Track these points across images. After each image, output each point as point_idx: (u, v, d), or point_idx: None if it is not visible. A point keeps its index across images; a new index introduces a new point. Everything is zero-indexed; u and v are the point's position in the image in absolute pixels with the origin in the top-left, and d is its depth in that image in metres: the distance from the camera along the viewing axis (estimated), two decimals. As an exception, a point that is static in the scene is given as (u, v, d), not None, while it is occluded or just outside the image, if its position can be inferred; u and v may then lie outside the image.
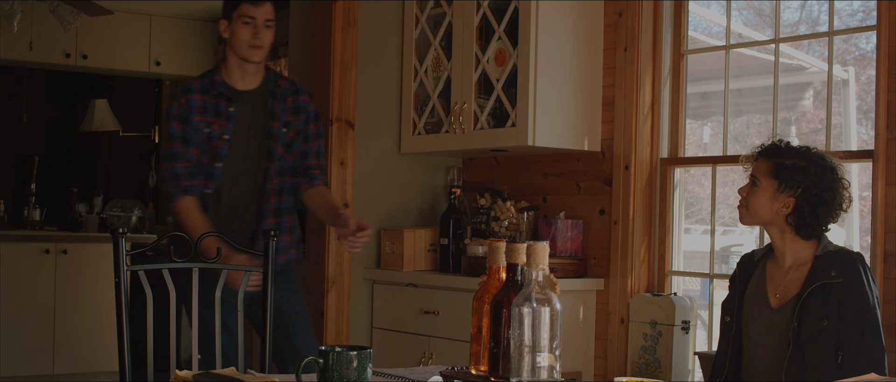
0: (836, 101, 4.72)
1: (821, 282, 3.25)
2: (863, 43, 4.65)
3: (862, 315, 3.20)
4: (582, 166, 4.85)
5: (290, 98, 4.07)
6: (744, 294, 3.48)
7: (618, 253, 4.64)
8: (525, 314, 2.00)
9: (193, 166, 3.93)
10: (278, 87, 4.07)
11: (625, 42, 4.64)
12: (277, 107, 4.03)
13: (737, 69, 4.66)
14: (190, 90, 3.96)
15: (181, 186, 3.91)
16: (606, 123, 4.73)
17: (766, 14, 4.78)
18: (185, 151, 3.92)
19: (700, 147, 5.11)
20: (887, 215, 3.79)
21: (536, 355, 2.01)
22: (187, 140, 3.93)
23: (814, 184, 3.34)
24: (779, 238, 3.41)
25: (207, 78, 4.01)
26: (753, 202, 3.40)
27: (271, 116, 4.02)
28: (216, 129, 3.94)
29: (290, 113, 4.06)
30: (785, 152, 3.39)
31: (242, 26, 3.92)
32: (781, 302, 3.35)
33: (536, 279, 2.02)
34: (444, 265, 5.02)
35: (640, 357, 4.45)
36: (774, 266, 3.45)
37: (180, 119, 3.93)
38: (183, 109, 3.93)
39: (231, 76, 4.01)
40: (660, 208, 4.65)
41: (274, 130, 4.01)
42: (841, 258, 3.29)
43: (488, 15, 4.77)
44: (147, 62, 8.19)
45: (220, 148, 3.95)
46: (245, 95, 4.01)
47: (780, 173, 3.36)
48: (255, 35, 3.93)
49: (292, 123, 4.06)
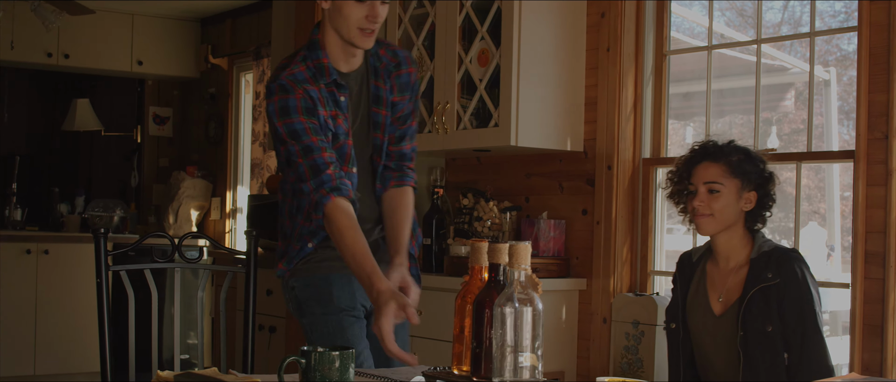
0: (818, 101, 4.74)
1: (759, 286, 3.24)
2: (845, 44, 4.67)
3: (801, 314, 3.19)
4: (564, 166, 4.86)
5: (395, 72, 3.25)
6: (685, 298, 3.45)
7: (600, 253, 4.65)
8: (507, 314, 2.00)
9: (337, 161, 3.10)
10: (380, 59, 3.24)
11: (607, 42, 4.65)
12: (382, 88, 3.24)
13: (719, 70, 4.67)
14: (298, 78, 3.09)
15: (332, 182, 3.03)
16: (589, 123, 4.74)
17: (749, 15, 4.80)
18: (323, 143, 3.06)
19: (683, 148, 5.12)
20: (868, 215, 3.80)
21: (519, 355, 2.01)
22: (318, 133, 3.07)
23: (761, 174, 3.36)
24: (727, 240, 3.37)
25: (312, 61, 3.14)
26: (721, 208, 3.32)
27: (376, 101, 3.23)
28: (342, 124, 3.14)
29: (397, 92, 3.26)
30: (726, 150, 3.38)
31: (354, 2, 3.02)
32: (724, 308, 3.33)
33: (519, 280, 2.02)
34: (427, 265, 5.02)
35: (622, 356, 4.46)
36: (714, 268, 3.41)
37: (306, 111, 3.06)
38: (305, 100, 3.06)
39: (334, 57, 3.16)
40: (642, 208, 4.66)
41: (380, 118, 3.24)
42: (775, 258, 3.26)
43: (471, 15, 4.77)
44: (129, 62, 8.16)
45: (351, 147, 3.18)
46: (350, 78, 3.20)
47: (737, 171, 3.34)
48: (371, 16, 3.04)
49: (398, 104, 3.27)
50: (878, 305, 3.75)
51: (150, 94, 8.72)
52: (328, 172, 3.02)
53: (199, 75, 8.38)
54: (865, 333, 3.79)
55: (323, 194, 3.01)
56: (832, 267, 5.15)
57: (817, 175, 5.34)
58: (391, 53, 3.27)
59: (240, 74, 7.97)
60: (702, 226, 3.35)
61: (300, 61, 3.12)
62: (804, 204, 4.70)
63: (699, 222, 3.35)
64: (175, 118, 8.73)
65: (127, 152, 8.96)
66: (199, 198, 8.00)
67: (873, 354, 3.76)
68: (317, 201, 3.02)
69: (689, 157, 3.43)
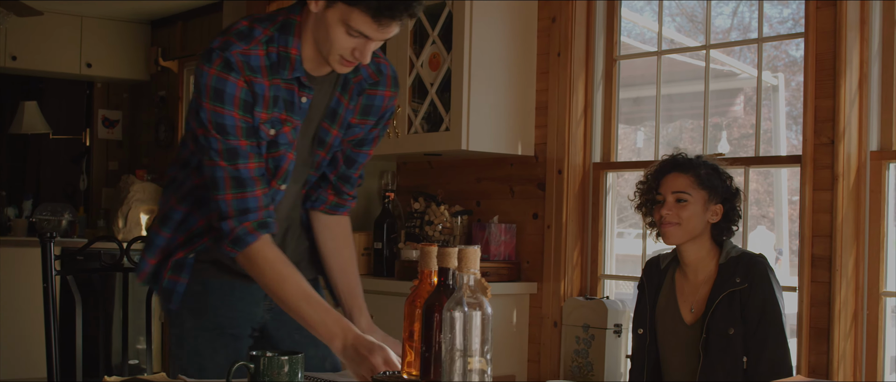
0: (767, 106, 4.79)
1: (728, 291, 3.28)
2: (792, 50, 4.72)
3: (764, 317, 3.25)
4: (515, 170, 4.87)
5: (367, 91, 2.72)
6: (654, 305, 3.49)
7: (551, 257, 4.66)
8: (456, 318, 2.00)
9: (263, 171, 2.60)
10: (358, 71, 2.69)
11: (558, 47, 4.67)
12: (343, 103, 2.71)
13: (669, 75, 4.71)
14: (251, 64, 2.52)
15: (259, 215, 2.56)
16: (540, 127, 4.75)
17: (699, 20, 4.83)
18: (252, 149, 2.56)
19: (634, 152, 5.15)
20: (815, 219, 3.84)
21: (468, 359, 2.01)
22: (250, 136, 2.56)
23: (727, 188, 3.42)
24: (695, 251, 3.42)
25: (277, 47, 2.55)
26: (688, 218, 3.37)
27: (331, 116, 2.70)
28: (289, 133, 2.61)
29: (359, 114, 2.75)
30: (695, 162, 3.44)
31: (345, 34, 2.46)
32: (695, 318, 3.38)
33: (468, 284, 2.02)
34: (379, 269, 5.01)
35: (573, 360, 4.47)
36: (683, 279, 3.46)
37: (243, 105, 2.53)
38: (247, 92, 2.52)
39: (306, 54, 2.59)
40: (592, 212, 4.68)
41: (328, 137, 2.72)
42: (743, 263, 3.32)
43: (423, 19, 4.77)
44: (78, 64, 8.09)
45: (290, 161, 2.66)
46: (316, 82, 2.66)
47: (704, 183, 3.40)
48: (358, 51, 2.50)
49: (355, 127, 2.76)
50: (825, 308, 3.79)
51: (99, 96, 8.64)
52: (255, 194, 2.54)
53: (150, 78, 8.33)
54: (812, 336, 3.83)
55: (248, 229, 2.53)
56: (780, 271, 5.20)
57: (766, 179, 5.39)
58: (374, 67, 2.72)
59: (190, 77, 7.92)
60: (668, 235, 3.40)
61: (263, 43, 2.54)
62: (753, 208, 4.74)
63: (666, 230, 3.39)
64: (124, 121, 8.66)
65: (76, 155, 8.88)
66: (149, 202, 7.94)
67: (820, 356, 3.80)
68: (237, 235, 2.53)
69: (658, 168, 3.49)
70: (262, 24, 2.56)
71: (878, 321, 3.76)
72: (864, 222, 3.78)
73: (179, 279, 2.70)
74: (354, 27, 2.43)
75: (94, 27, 8.11)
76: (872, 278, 3.77)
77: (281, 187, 2.66)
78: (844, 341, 3.76)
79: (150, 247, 2.75)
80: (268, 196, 2.58)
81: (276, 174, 2.64)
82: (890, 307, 3.81)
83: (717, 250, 3.42)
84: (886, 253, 3.77)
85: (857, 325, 3.78)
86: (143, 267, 2.75)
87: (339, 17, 2.44)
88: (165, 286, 2.71)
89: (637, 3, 4.85)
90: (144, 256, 2.76)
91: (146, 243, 2.77)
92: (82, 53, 8.08)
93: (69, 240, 7.85)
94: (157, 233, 2.74)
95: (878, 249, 3.77)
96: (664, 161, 3.49)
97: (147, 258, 2.75)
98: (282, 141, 2.60)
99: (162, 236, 2.74)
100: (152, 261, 2.74)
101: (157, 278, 2.74)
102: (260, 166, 2.57)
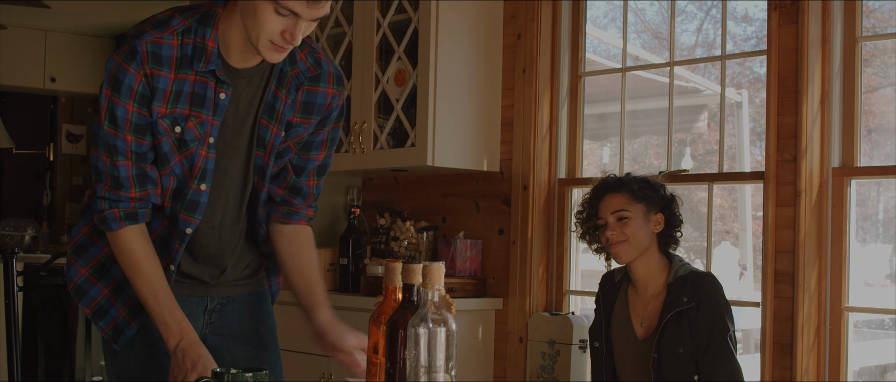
0: (730, 123, 4.81)
1: (675, 311, 3.31)
2: (757, 66, 4.75)
3: (711, 335, 3.28)
4: (481, 186, 4.87)
5: (306, 87, 2.61)
6: (610, 319, 3.52)
7: (516, 273, 4.67)
8: (421, 334, 2.01)
9: (146, 171, 2.52)
10: (294, 63, 2.58)
11: (523, 63, 4.68)
12: (280, 98, 2.58)
13: (633, 91, 4.73)
14: (161, 54, 2.43)
15: (125, 204, 2.50)
16: (505, 143, 4.77)
17: (664, 37, 4.86)
18: (137, 144, 2.47)
19: (599, 168, 5.17)
20: (778, 235, 3.87)
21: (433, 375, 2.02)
22: (141, 132, 2.47)
23: (662, 197, 3.47)
24: (645, 266, 3.45)
25: (193, 38, 2.46)
26: (633, 232, 3.42)
27: (269, 112, 2.58)
28: (194, 129, 2.50)
29: (299, 112, 2.62)
30: (626, 180, 3.49)
31: (274, 14, 2.36)
32: (646, 333, 3.42)
33: (432, 300, 2.02)
34: (344, 285, 5.00)
35: (538, 375, 4.48)
36: (635, 294, 3.50)
37: (140, 98, 2.44)
38: (144, 87, 2.44)
39: (228, 45, 2.50)
40: (558, 228, 4.69)
41: (267, 135, 2.60)
42: (690, 282, 3.36)
43: (388, 35, 4.78)
44: (42, 79, 8.03)
45: (205, 159, 2.54)
46: (241, 76, 2.55)
47: (639, 196, 3.44)
48: (288, 34, 2.38)
49: (298, 127, 2.63)
50: (788, 323, 3.81)
51: (63, 111, 8.59)
52: (129, 195, 2.49)
53: (114, 93, 8.27)
54: (775, 351, 3.85)
55: (115, 216, 2.49)
56: (744, 286, 5.23)
57: (731, 195, 5.42)
58: (313, 61, 2.61)
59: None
60: (619, 254, 3.43)
61: (179, 33, 2.45)
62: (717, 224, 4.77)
63: (615, 250, 3.43)
64: (89, 136, 8.61)
65: (39, 169, 8.82)
66: (113, 217, 7.89)
67: (783, 371, 3.82)
68: (104, 216, 2.49)
69: (592, 194, 3.55)
70: (183, 14, 2.47)
71: (841, 336, 3.79)
72: (827, 238, 3.81)
73: (132, 323, 2.62)
74: (284, 3, 2.33)
75: (59, 42, 8.06)
76: (835, 293, 3.80)
77: (201, 188, 2.55)
78: (807, 356, 3.79)
79: (83, 254, 2.64)
80: (142, 199, 2.50)
81: (192, 173, 2.53)
82: (852, 323, 3.84)
83: (666, 263, 3.45)
84: (848, 269, 3.81)
85: (819, 340, 3.80)
86: (73, 275, 2.65)
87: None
88: (119, 323, 2.62)
89: (602, 20, 4.88)
90: (74, 262, 2.65)
91: (76, 250, 2.65)
92: (46, 67, 8.03)
93: (32, 256, 7.79)
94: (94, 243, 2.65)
95: (840, 264, 3.80)
96: (595, 187, 3.56)
97: (77, 264, 2.65)
98: (188, 138, 2.49)
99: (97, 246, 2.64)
100: (83, 270, 2.64)
101: (106, 312, 2.63)
102: (139, 167, 2.49)
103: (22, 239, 8.01)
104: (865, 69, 3.96)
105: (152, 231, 2.58)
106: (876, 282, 4.49)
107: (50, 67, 8.03)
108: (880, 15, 4.08)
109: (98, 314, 2.60)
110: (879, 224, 4.38)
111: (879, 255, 4.43)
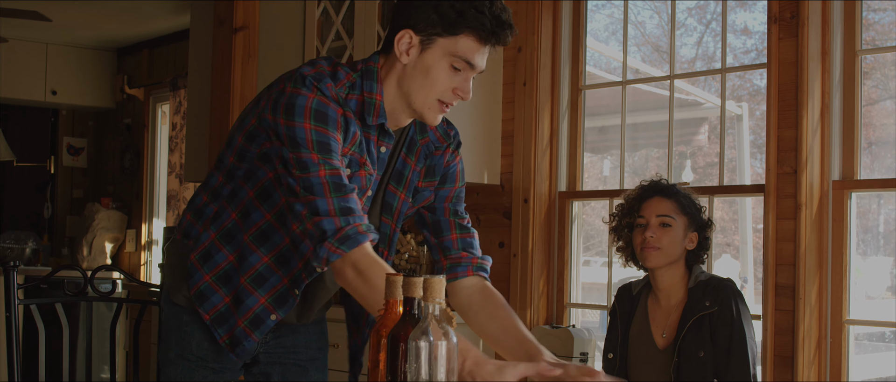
0: (731, 135, 4.82)
1: (698, 315, 3.31)
2: (757, 79, 4.76)
3: (731, 340, 3.28)
4: (481, 199, 4.87)
5: (435, 152, 2.62)
6: (627, 331, 3.51)
7: (517, 286, 4.67)
8: (422, 348, 2.00)
9: None
10: (422, 133, 2.59)
11: (524, 77, 4.69)
12: (409, 165, 2.57)
13: (634, 104, 4.74)
14: (341, 97, 2.38)
15: (365, 220, 2.32)
16: (506, 156, 4.77)
17: (664, 50, 4.87)
18: (345, 173, 2.35)
19: (600, 181, 5.17)
20: (778, 248, 3.87)
21: (433, 389, 2.01)
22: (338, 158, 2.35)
23: (701, 219, 3.46)
24: (670, 276, 3.45)
25: (361, 93, 2.42)
26: (669, 243, 3.41)
27: (397, 178, 2.56)
28: (363, 178, 2.44)
29: (424, 177, 2.61)
30: (676, 189, 3.48)
31: (448, 70, 2.39)
32: (668, 342, 3.41)
33: (433, 313, 2.02)
34: (345, 297, 4.99)
35: (539, 389, 4.47)
36: (656, 305, 3.49)
37: (343, 129, 2.37)
38: (344, 119, 2.37)
39: (390, 106, 2.46)
40: (558, 240, 4.69)
41: (396, 202, 2.57)
42: (712, 286, 3.36)
43: (389, 48, 4.78)
44: (43, 91, 8.05)
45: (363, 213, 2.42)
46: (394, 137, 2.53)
47: (686, 209, 3.44)
48: (461, 90, 2.42)
49: (424, 192, 2.62)
50: (789, 336, 3.81)
51: (64, 124, 8.60)
52: (355, 197, 2.30)
53: (115, 106, 8.29)
54: (776, 364, 3.85)
55: (358, 229, 2.27)
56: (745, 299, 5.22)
57: (731, 207, 5.42)
58: (442, 131, 2.60)
59: (156, 105, 7.90)
60: (650, 257, 3.41)
61: (346, 86, 2.40)
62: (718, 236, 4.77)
63: (647, 253, 3.41)
64: (90, 149, 8.62)
65: (40, 182, 8.82)
66: (114, 230, 7.90)
67: (784, 385, 3.82)
68: (346, 234, 2.26)
69: (640, 192, 3.51)
70: (344, 69, 2.42)
71: (842, 348, 3.79)
72: (827, 251, 3.81)
73: (252, 335, 2.57)
74: (462, 55, 2.36)
75: (60, 54, 8.07)
76: (835, 306, 3.80)
77: None
78: (808, 369, 3.78)
79: (208, 261, 2.55)
80: None
81: None
82: (853, 335, 3.84)
83: (687, 275, 3.45)
84: (849, 281, 3.81)
85: (820, 353, 3.80)
86: (197, 280, 2.55)
87: (442, 54, 2.37)
88: (237, 333, 2.55)
89: (602, 34, 4.89)
90: (199, 268, 2.56)
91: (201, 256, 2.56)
92: (47, 80, 8.05)
93: (33, 268, 7.79)
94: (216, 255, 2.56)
95: (840, 277, 3.80)
96: (646, 186, 3.52)
97: None
98: (356, 184, 2.42)
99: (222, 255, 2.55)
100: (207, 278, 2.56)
101: (226, 320, 2.57)
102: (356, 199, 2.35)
103: (22, 252, 8.01)
104: (865, 82, 3.96)
105: (274, 246, 2.51)
106: (877, 295, 4.49)
107: (51, 80, 8.05)
108: (880, 28, 4.09)
109: (217, 321, 2.55)
110: (880, 237, 4.39)
111: (880, 268, 4.44)
